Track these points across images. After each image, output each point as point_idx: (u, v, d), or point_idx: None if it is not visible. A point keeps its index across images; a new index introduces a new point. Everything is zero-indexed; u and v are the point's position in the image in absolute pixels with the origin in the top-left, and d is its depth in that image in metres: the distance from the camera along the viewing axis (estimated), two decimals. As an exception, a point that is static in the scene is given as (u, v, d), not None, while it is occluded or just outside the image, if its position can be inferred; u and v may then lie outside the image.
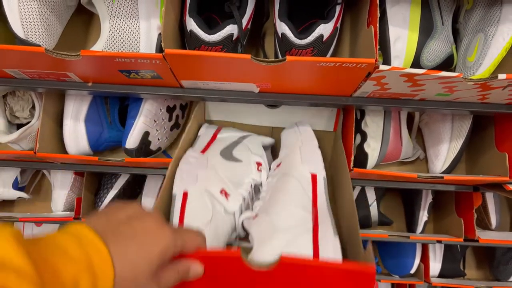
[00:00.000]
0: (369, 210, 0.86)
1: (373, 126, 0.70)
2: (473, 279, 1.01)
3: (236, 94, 0.63)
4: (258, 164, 0.63)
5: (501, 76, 0.50)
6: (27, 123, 0.76)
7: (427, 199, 0.84)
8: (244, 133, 0.72)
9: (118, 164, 0.72)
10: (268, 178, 0.62)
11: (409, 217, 0.89)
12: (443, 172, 0.73)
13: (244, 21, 0.57)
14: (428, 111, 0.66)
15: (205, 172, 0.57)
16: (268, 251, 0.46)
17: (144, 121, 0.69)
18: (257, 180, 0.61)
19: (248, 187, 0.59)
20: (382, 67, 0.50)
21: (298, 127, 0.68)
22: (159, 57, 0.52)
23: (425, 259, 0.92)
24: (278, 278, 0.40)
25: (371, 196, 0.86)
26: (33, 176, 0.95)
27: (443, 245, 0.92)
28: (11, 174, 0.88)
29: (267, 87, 0.61)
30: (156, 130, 0.73)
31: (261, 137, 0.72)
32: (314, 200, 0.53)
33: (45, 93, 0.71)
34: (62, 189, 0.86)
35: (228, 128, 0.73)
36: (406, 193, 0.91)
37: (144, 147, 0.72)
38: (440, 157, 0.71)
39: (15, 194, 0.89)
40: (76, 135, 0.73)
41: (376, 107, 0.66)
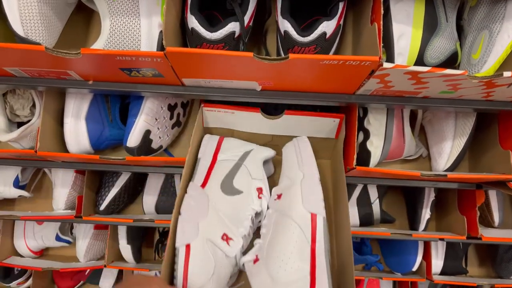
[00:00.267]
0: (371, 208, 0.85)
1: (376, 124, 0.70)
2: (475, 276, 1.01)
3: (238, 92, 0.63)
4: (259, 190, 0.65)
5: (506, 73, 0.50)
6: (28, 121, 0.75)
7: (429, 197, 0.84)
8: (245, 147, 0.71)
9: (119, 162, 0.71)
10: (268, 208, 0.64)
11: (412, 215, 0.88)
12: (446, 170, 0.72)
13: (246, 18, 0.56)
14: (432, 108, 0.65)
15: (206, 219, 0.59)
16: None
17: (145, 120, 0.69)
18: (258, 210, 0.63)
19: (249, 222, 0.62)
20: (386, 65, 0.50)
21: (300, 148, 0.67)
22: (160, 55, 0.52)
23: (427, 256, 0.91)
24: None
25: (373, 194, 0.86)
26: (34, 174, 0.95)
27: (445, 242, 0.92)
28: (12, 172, 0.88)
29: (269, 85, 0.61)
30: (158, 128, 0.72)
31: (262, 151, 0.71)
32: (313, 247, 0.55)
33: (46, 91, 0.70)
34: (63, 188, 0.86)
35: (228, 140, 0.72)
36: (409, 191, 0.91)
37: (145, 146, 0.72)
38: (443, 155, 0.71)
39: (16, 193, 0.88)
40: (77, 133, 0.72)
41: (379, 105, 0.66)
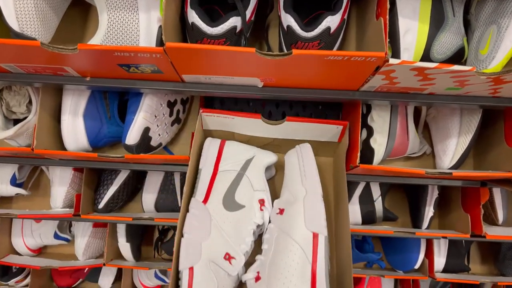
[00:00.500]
0: (373, 205, 0.84)
1: (380, 121, 0.68)
2: (477, 273, 1.00)
3: (239, 89, 0.61)
4: (261, 202, 0.65)
5: (516, 69, 0.49)
6: (24, 118, 0.74)
7: (433, 194, 0.83)
8: (246, 153, 0.70)
9: (118, 160, 0.70)
10: (270, 222, 0.65)
11: (415, 212, 0.87)
12: (451, 168, 0.71)
13: (248, 12, 0.55)
14: (437, 105, 0.64)
15: (209, 240, 0.60)
16: None
17: (144, 117, 0.68)
18: (260, 223, 0.64)
19: (251, 238, 0.63)
20: (392, 60, 0.48)
21: (303, 158, 0.66)
22: (159, 51, 0.50)
23: (429, 254, 0.90)
24: None
25: (376, 191, 0.85)
26: (31, 172, 0.93)
27: (448, 240, 0.91)
28: (9, 170, 0.87)
29: (271, 82, 0.59)
30: (157, 125, 0.71)
31: (264, 157, 0.70)
32: (314, 267, 0.56)
33: (42, 88, 0.69)
34: (61, 186, 0.84)
35: (229, 145, 0.70)
36: (412, 189, 0.90)
37: (144, 143, 0.70)
38: (448, 152, 0.70)
39: (13, 191, 0.87)
40: (74, 130, 0.71)
41: (383, 102, 0.65)
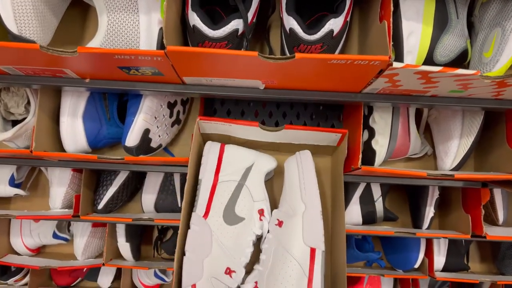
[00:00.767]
0: (374, 206, 0.84)
1: (381, 123, 0.68)
2: (476, 272, 1.00)
3: (240, 91, 0.61)
4: (260, 212, 0.66)
5: (520, 73, 0.48)
6: (23, 119, 0.73)
7: (433, 195, 0.82)
8: (246, 160, 0.69)
9: (118, 162, 0.70)
10: (269, 232, 0.66)
11: (415, 213, 0.87)
12: (453, 169, 0.71)
13: (250, 14, 0.54)
14: (439, 107, 0.64)
15: (210, 256, 0.62)
16: None
17: (144, 118, 0.67)
18: (259, 233, 0.66)
19: (250, 249, 0.65)
20: (396, 64, 0.48)
21: (303, 167, 0.66)
22: (160, 54, 0.50)
23: (429, 253, 0.90)
24: None
25: (376, 191, 0.84)
26: (30, 172, 0.92)
27: (448, 239, 0.91)
28: (7, 170, 0.86)
29: (273, 84, 0.59)
30: (157, 127, 0.70)
31: (264, 164, 0.70)
32: (310, 282, 0.59)
33: (41, 89, 0.68)
34: (60, 187, 0.83)
35: (229, 150, 0.70)
36: (412, 189, 0.89)
37: (144, 145, 0.70)
38: (450, 154, 0.70)
39: (11, 191, 0.86)
40: (73, 132, 0.70)
41: (385, 104, 0.64)
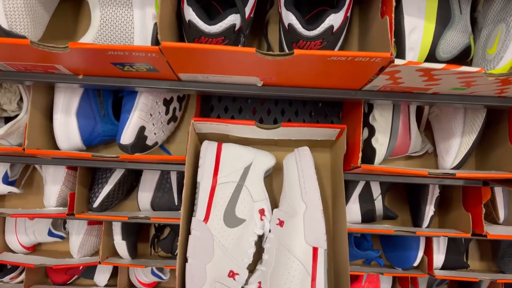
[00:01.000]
0: (374, 204, 0.83)
1: (382, 121, 0.67)
2: (476, 270, 0.99)
3: (238, 88, 0.59)
4: (261, 212, 0.66)
5: (526, 71, 0.47)
6: (15, 116, 0.71)
7: (434, 193, 0.81)
8: (245, 158, 0.68)
9: (113, 160, 0.68)
10: (270, 232, 0.66)
11: (415, 211, 0.86)
12: (454, 168, 0.70)
13: (247, 9, 0.53)
14: (440, 104, 0.63)
15: (213, 260, 0.61)
16: None
17: (139, 116, 0.65)
18: (260, 233, 0.66)
19: (252, 249, 0.65)
20: (398, 61, 0.47)
21: (302, 165, 0.65)
22: (155, 50, 0.48)
23: (428, 251, 0.90)
24: None
25: (376, 190, 0.83)
26: (24, 169, 0.91)
27: (447, 237, 0.90)
28: (0, 168, 0.84)
29: (271, 80, 0.58)
30: (153, 124, 0.69)
31: (263, 162, 0.69)
32: (313, 281, 0.59)
33: (33, 85, 0.66)
34: (54, 185, 0.82)
35: (227, 149, 0.68)
36: (412, 187, 0.88)
37: (140, 143, 0.68)
38: (451, 152, 0.68)
39: (5, 189, 0.85)
40: (67, 129, 0.69)
41: (386, 101, 0.63)
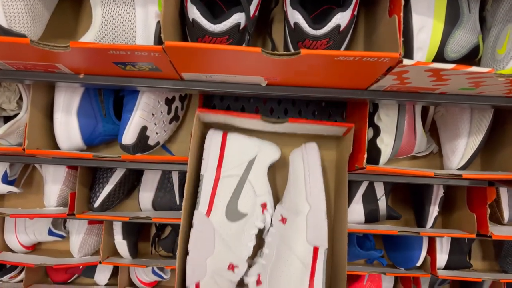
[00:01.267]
0: (377, 204, 0.82)
1: (387, 121, 0.66)
2: (478, 269, 0.99)
3: (241, 88, 0.58)
4: (263, 206, 0.66)
5: (537, 72, 0.46)
6: (15, 115, 0.70)
7: (438, 193, 0.81)
8: (249, 152, 0.67)
9: (115, 160, 0.67)
10: (272, 226, 0.67)
11: (419, 211, 0.85)
12: (460, 169, 0.69)
13: (252, 7, 0.52)
14: (447, 105, 0.62)
15: (213, 256, 0.62)
16: None
17: (141, 115, 0.64)
18: (261, 227, 0.66)
19: (252, 242, 0.65)
20: (406, 61, 0.46)
21: (309, 163, 0.65)
22: (158, 50, 0.47)
23: (431, 251, 0.89)
24: None
25: (379, 190, 0.82)
26: (24, 168, 0.90)
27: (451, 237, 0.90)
28: (0, 167, 0.83)
29: (275, 80, 0.57)
30: (154, 124, 0.68)
31: (268, 155, 0.68)
32: (312, 279, 0.61)
33: (33, 84, 0.65)
34: (55, 184, 0.81)
35: (232, 139, 0.68)
36: (416, 187, 0.88)
37: (141, 143, 0.68)
38: (457, 153, 0.67)
39: (4, 189, 0.84)
40: (68, 129, 0.68)
41: (392, 101, 0.62)
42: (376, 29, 0.57)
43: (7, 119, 0.72)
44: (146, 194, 0.84)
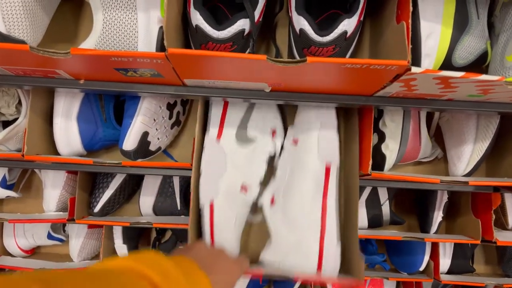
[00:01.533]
0: (380, 209, 0.81)
1: (392, 127, 0.65)
2: (481, 274, 0.98)
3: (245, 94, 0.57)
4: (273, 132, 0.66)
5: (548, 80, 0.45)
6: (14, 120, 0.69)
7: (442, 199, 0.80)
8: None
9: (115, 166, 0.66)
10: (283, 151, 0.66)
11: (423, 217, 0.85)
12: (466, 175, 0.68)
13: (257, 13, 0.50)
14: (454, 111, 0.61)
15: (225, 175, 0.62)
16: (280, 249, 0.61)
17: (142, 121, 0.63)
18: (272, 153, 0.66)
19: (264, 167, 0.65)
20: (415, 69, 0.45)
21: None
22: (161, 57, 0.46)
23: (434, 256, 0.88)
24: None
25: (383, 195, 0.81)
26: (22, 173, 0.89)
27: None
28: (-2, 172, 0.82)
29: (279, 86, 0.56)
30: (156, 129, 0.67)
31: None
32: (324, 197, 0.60)
33: (32, 89, 0.64)
34: (54, 189, 0.80)
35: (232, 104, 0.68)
36: (420, 193, 0.87)
37: (142, 148, 0.66)
38: (463, 159, 0.67)
39: (3, 193, 0.83)
40: (68, 134, 0.67)
41: (398, 108, 0.61)
42: (382, 35, 0.56)
43: (5, 124, 0.71)
44: (146, 199, 0.83)
